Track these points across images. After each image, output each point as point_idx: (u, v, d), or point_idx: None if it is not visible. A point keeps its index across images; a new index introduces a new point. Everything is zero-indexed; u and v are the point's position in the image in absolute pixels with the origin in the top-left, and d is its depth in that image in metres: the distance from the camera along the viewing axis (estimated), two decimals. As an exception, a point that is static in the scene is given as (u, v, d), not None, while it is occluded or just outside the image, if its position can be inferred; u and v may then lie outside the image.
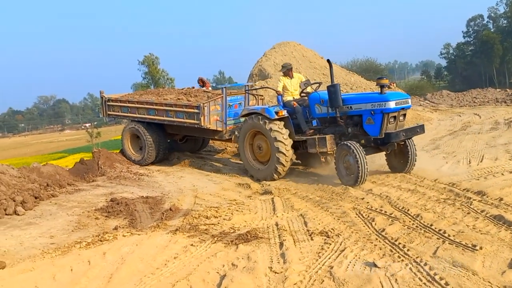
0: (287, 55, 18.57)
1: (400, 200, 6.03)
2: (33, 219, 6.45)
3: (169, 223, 5.99)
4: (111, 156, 11.15)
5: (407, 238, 4.57)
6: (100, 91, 11.99)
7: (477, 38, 60.93)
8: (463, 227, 4.73)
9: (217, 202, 7.17)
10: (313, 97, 8.26)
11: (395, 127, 7.34)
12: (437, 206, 5.61)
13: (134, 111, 11.16)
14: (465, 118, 17.32)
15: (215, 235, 5.21)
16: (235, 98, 10.53)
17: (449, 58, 66.14)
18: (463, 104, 24.32)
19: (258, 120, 8.45)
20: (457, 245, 4.25)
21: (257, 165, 8.90)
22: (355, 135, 7.68)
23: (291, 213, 6.04)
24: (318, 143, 7.80)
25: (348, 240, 4.67)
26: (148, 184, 9.23)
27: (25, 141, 69.05)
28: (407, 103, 7.46)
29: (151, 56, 49.18)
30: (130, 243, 5.04)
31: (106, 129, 58.39)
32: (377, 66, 45.10)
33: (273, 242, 4.82)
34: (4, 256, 4.90)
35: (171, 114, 10.35)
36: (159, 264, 4.41)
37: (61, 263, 4.56)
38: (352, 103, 7.61)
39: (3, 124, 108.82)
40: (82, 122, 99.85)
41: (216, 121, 9.93)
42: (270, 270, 4.05)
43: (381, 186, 7.08)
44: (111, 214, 6.71)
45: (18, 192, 7.36)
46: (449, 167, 8.06)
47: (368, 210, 5.73)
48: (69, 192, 8.30)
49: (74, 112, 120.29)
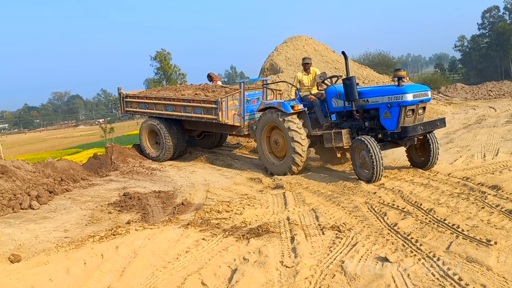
0: (298, 49, 18.48)
1: (412, 195, 5.97)
2: (48, 213, 6.54)
3: (181, 217, 6.02)
4: (124, 151, 11.25)
5: (420, 233, 4.52)
6: (118, 87, 12.05)
7: (492, 30, 59.79)
8: (477, 222, 4.66)
9: (228, 197, 7.18)
10: (329, 91, 8.12)
11: (414, 120, 7.06)
12: (450, 201, 5.53)
13: (151, 107, 11.19)
14: (480, 111, 17.05)
15: (227, 229, 5.22)
16: (253, 92, 10.46)
17: (464, 51, 65.13)
18: (477, 97, 23.96)
19: (274, 114, 8.40)
20: (471, 240, 4.19)
21: (273, 159, 8.85)
22: (372, 129, 7.48)
23: (303, 207, 6.02)
24: (334, 138, 7.66)
25: (360, 235, 4.64)
26: (161, 178, 9.29)
27: (40, 137, 70.04)
28: (426, 96, 7.09)
29: (163, 51, 49.32)
30: (143, 237, 5.08)
31: (119, 124, 58.99)
32: (390, 60, 44.36)
33: (284, 237, 4.81)
34: (19, 249, 4.99)
35: (189, 110, 10.33)
36: (171, 258, 4.43)
37: (75, 256, 4.63)
38: (368, 96, 7.41)
39: (19, 120, 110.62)
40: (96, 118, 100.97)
41: (234, 116, 9.89)
42: (281, 264, 4.05)
43: (393, 180, 7.00)
44: (124, 209, 6.78)
45: (33, 187, 7.48)
46: (463, 161, 7.93)
47: (380, 205, 5.69)
48: (83, 187, 8.40)
49: (88, 108, 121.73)
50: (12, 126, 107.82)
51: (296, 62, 17.19)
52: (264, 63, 18.80)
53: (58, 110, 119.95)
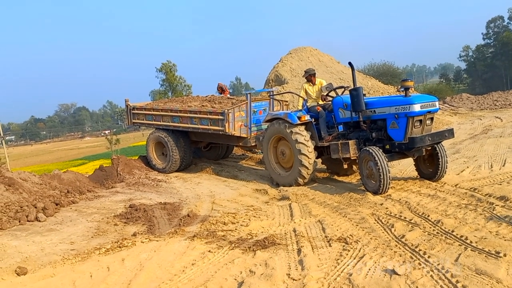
0: (303, 60, 18.56)
1: (420, 206, 5.92)
2: (54, 226, 6.55)
3: (187, 229, 6.01)
4: (130, 162, 11.28)
5: (428, 245, 4.47)
6: (125, 99, 12.12)
7: (497, 40, 59.83)
8: (485, 233, 4.61)
9: (234, 208, 7.17)
10: (336, 102, 8.11)
11: (421, 131, 7.02)
12: (458, 212, 5.48)
13: (158, 119, 11.25)
14: (486, 122, 16.98)
15: (233, 241, 5.20)
16: (260, 104, 10.49)
17: (469, 61, 65.09)
18: (483, 107, 23.87)
19: (282, 126, 8.38)
20: (479, 252, 4.14)
21: (279, 169, 8.83)
22: (380, 140, 7.44)
23: (309, 219, 5.99)
24: (341, 149, 7.62)
25: (367, 247, 4.60)
26: (166, 190, 9.29)
27: (46, 148, 70.40)
28: (434, 106, 7.04)
29: (168, 63, 49.63)
30: (149, 250, 5.07)
31: (125, 136, 59.19)
32: (395, 70, 44.35)
33: (291, 249, 4.78)
34: (25, 262, 4.99)
35: (196, 121, 10.37)
36: (177, 270, 4.42)
37: (81, 269, 4.62)
38: (375, 107, 7.38)
39: (25, 132, 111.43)
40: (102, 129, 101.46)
41: (241, 127, 9.92)
42: (288, 277, 4.02)
43: (400, 191, 6.96)
44: (130, 220, 6.78)
45: (40, 199, 7.51)
46: (470, 171, 7.88)
47: (387, 216, 5.65)
48: (89, 199, 8.42)
49: (94, 120, 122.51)
50: (19, 138, 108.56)
51: (301, 73, 17.22)
52: (269, 74, 18.88)
53: (64, 122, 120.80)
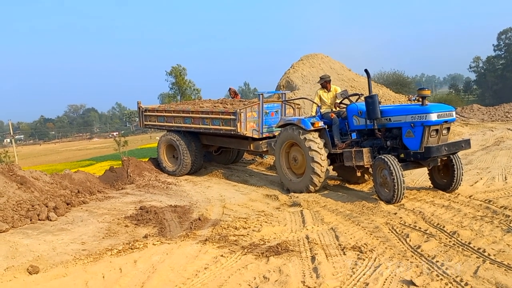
0: (314, 67, 18.53)
1: (434, 216, 5.84)
2: (65, 225, 6.54)
3: (198, 233, 5.97)
4: (140, 164, 11.28)
5: (445, 256, 4.40)
6: (137, 102, 12.13)
7: (508, 51, 59.54)
8: (503, 246, 4.53)
9: (245, 213, 7.12)
10: (351, 109, 8.05)
11: (437, 141, 6.90)
12: (474, 224, 5.40)
13: (170, 120, 11.24)
14: (497, 133, 16.79)
15: (245, 246, 5.16)
16: (272, 105, 10.43)
17: (479, 72, 64.78)
18: (495, 119, 23.62)
19: (295, 132, 8.32)
20: (499, 265, 4.06)
21: (291, 175, 8.76)
22: (394, 149, 7.35)
23: (321, 226, 5.93)
24: (355, 156, 7.52)
25: (383, 256, 4.54)
26: (176, 193, 9.27)
27: (55, 148, 70.86)
28: (451, 116, 6.94)
29: (178, 67, 49.99)
30: (161, 252, 5.04)
31: (133, 138, 59.48)
32: (405, 79, 44.27)
33: (304, 256, 4.73)
34: (37, 261, 4.98)
35: (207, 122, 10.32)
36: (190, 274, 4.38)
37: (93, 270, 4.59)
38: (391, 115, 7.31)
39: (34, 131, 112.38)
40: (110, 131, 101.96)
41: (253, 128, 9.87)
42: (303, 284, 3.96)
43: (413, 201, 6.88)
44: (141, 222, 6.75)
45: (51, 198, 7.51)
46: (484, 183, 7.78)
47: (401, 226, 5.58)
48: (99, 199, 8.41)
49: (103, 121, 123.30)
50: (28, 137, 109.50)
51: (312, 80, 17.22)
52: (280, 80, 18.86)
53: (73, 123, 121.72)
